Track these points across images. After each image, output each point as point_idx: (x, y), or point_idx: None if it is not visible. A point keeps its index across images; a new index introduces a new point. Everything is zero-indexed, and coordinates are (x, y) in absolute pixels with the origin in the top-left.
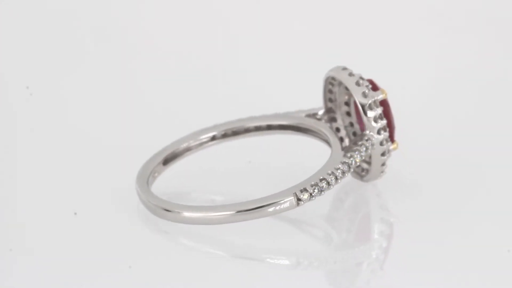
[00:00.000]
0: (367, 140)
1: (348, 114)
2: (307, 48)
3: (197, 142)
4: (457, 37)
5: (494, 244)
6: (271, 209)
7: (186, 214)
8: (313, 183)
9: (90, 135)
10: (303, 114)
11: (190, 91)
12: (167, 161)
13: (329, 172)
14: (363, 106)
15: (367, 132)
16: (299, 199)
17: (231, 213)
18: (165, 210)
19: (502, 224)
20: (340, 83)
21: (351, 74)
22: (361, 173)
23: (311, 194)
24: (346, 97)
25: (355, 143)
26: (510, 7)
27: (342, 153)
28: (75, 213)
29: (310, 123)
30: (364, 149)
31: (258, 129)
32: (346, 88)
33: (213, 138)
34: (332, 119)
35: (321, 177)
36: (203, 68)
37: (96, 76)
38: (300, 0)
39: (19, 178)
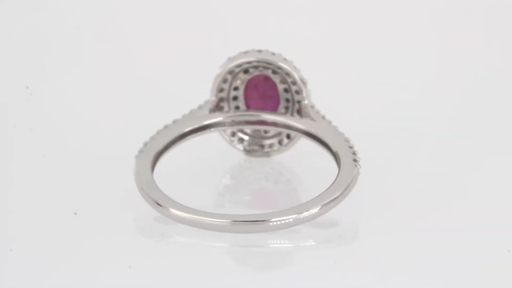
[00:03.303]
0: (312, 107)
1: (235, 98)
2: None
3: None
4: (447, 36)
5: (494, 244)
6: (347, 191)
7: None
8: (352, 151)
9: (90, 134)
10: (207, 111)
11: (188, 90)
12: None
13: (344, 139)
14: (301, 79)
15: (308, 101)
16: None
17: (315, 210)
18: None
19: (502, 224)
20: (242, 70)
21: (273, 53)
22: (267, 149)
23: (358, 162)
24: (239, 82)
25: (308, 115)
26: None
27: (326, 121)
28: (75, 213)
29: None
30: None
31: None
32: (246, 71)
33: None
34: (221, 109)
35: (349, 145)
36: (198, 65)
37: (96, 75)
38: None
39: (19, 178)
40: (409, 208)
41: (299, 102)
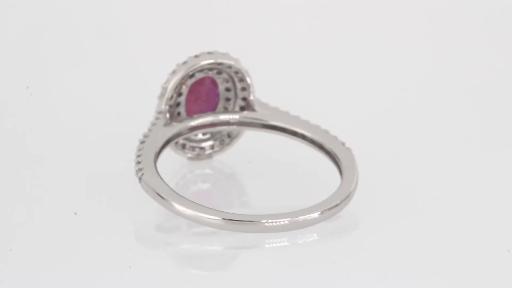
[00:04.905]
0: (259, 101)
1: (178, 104)
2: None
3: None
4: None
5: (494, 244)
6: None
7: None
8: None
9: (90, 134)
10: (162, 124)
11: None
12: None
13: (325, 131)
14: (249, 75)
15: (253, 97)
16: None
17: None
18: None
19: (502, 224)
20: (189, 75)
21: (223, 54)
22: (209, 150)
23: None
24: (184, 87)
25: (263, 108)
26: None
27: (286, 112)
28: (75, 213)
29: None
30: None
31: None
32: (192, 75)
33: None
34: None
35: (328, 133)
36: None
37: (96, 75)
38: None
39: (19, 178)
40: (409, 207)
41: (245, 98)
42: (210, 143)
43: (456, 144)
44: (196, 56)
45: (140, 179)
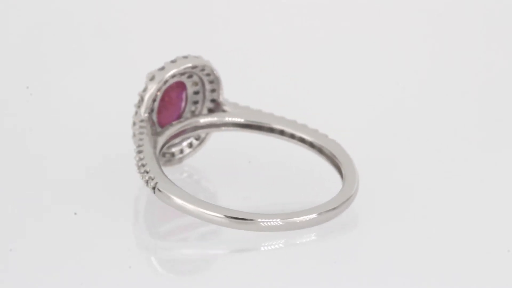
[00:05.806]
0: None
1: (153, 110)
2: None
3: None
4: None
5: (494, 244)
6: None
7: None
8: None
9: (90, 134)
10: (149, 132)
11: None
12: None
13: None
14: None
15: (223, 98)
16: None
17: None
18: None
19: (502, 224)
20: (164, 81)
21: (197, 57)
22: (179, 155)
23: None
24: (158, 93)
25: (235, 107)
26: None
27: (260, 110)
28: (75, 213)
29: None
30: None
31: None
32: (165, 81)
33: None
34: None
35: (307, 126)
36: None
37: (96, 75)
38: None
39: (20, 178)
40: (408, 207)
41: (214, 100)
42: (179, 147)
43: (456, 144)
44: (172, 62)
45: (154, 188)
